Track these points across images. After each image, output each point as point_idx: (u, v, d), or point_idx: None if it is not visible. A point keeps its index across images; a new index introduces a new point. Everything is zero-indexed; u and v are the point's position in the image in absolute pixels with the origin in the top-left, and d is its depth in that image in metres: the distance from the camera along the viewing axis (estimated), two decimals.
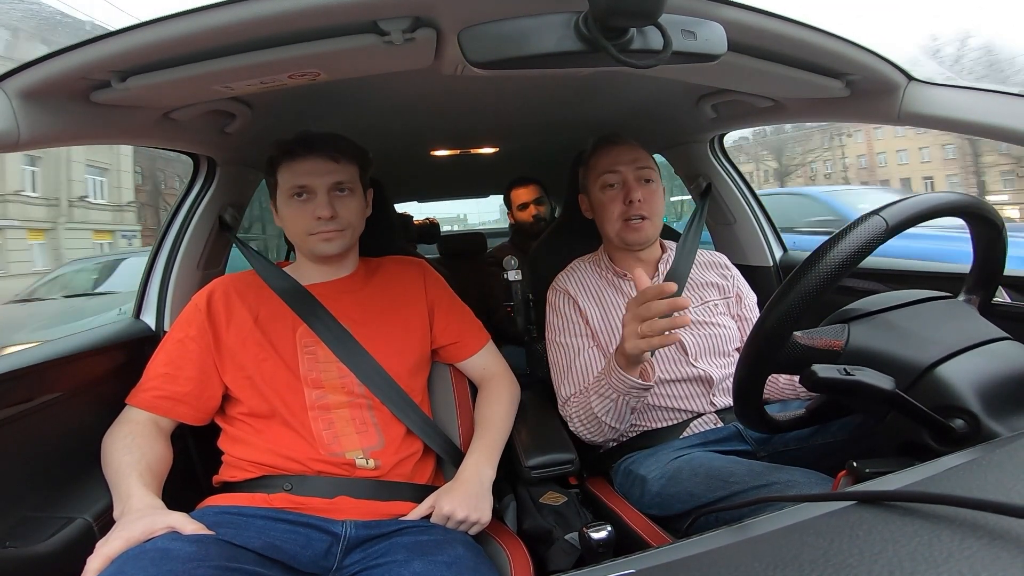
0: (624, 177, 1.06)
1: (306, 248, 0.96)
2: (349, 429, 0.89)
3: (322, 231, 0.93)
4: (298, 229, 0.94)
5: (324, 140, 0.93)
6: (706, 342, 1.05)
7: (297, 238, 0.96)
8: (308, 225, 0.93)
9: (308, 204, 0.92)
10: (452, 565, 0.73)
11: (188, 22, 0.60)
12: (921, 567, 0.27)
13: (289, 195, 0.93)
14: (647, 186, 1.06)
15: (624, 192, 1.06)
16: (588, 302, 1.09)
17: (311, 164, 0.92)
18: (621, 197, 1.06)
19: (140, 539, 0.67)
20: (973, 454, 0.42)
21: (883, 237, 0.55)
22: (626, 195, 1.05)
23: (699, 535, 0.37)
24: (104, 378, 0.96)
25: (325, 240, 0.93)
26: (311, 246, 0.95)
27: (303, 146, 0.92)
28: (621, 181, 1.07)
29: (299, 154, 0.92)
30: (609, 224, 1.08)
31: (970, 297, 0.71)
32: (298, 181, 0.92)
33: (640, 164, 1.07)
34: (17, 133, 0.66)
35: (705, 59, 0.63)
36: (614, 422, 0.94)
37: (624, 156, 1.08)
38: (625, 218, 1.06)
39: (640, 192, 1.04)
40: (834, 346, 0.63)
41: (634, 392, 0.88)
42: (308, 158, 0.92)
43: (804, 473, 0.77)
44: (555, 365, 1.09)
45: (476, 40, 0.58)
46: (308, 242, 0.94)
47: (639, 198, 1.04)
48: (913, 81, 0.88)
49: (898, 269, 1.20)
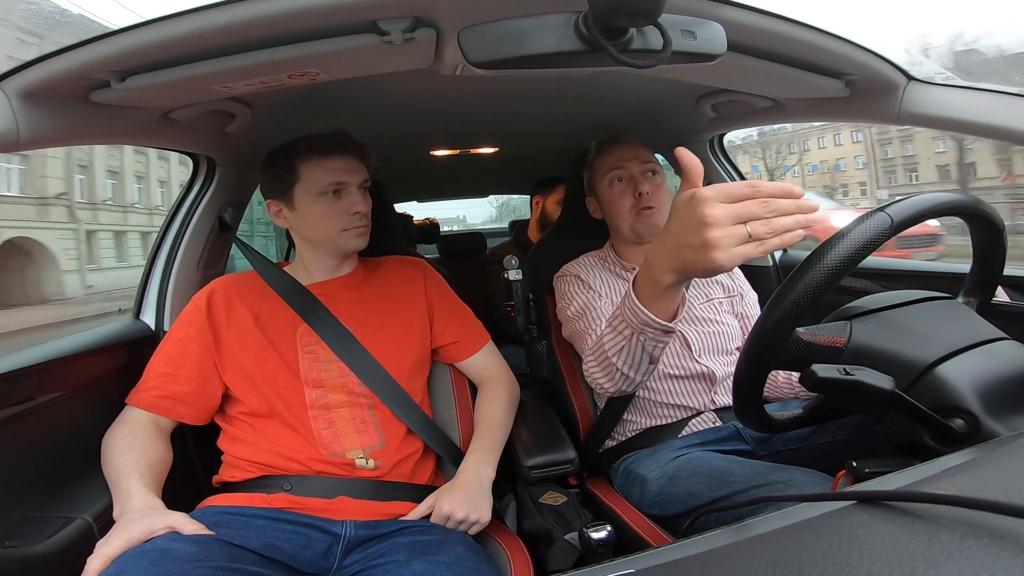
0: (630, 172, 1.09)
1: (335, 245, 0.96)
2: (349, 428, 0.89)
3: (356, 227, 0.94)
4: (330, 226, 0.94)
5: (351, 140, 0.96)
6: (710, 339, 1.05)
7: (327, 235, 0.95)
8: (343, 221, 0.94)
9: (342, 201, 0.93)
10: (452, 565, 0.73)
11: (188, 22, 0.60)
12: (921, 567, 0.27)
13: (320, 192, 0.93)
14: (653, 179, 1.09)
15: (632, 186, 1.08)
16: (598, 281, 1.10)
17: (344, 162, 0.94)
18: (630, 191, 1.08)
19: (140, 539, 0.67)
20: (973, 454, 0.42)
21: (888, 234, 0.55)
22: (634, 188, 1.07)
23: (699, 535, 0.37)
24: (104, 378, 0.96)
25: (359, 235, 0.95)
26: (342, 242, 0.95)
27: (339, 144, 0.94)
28: (628, 176, 1.09)
29: (334, 152, 0.93)
30: (621, 218, 1.10)
31: (969, 298, 0.71)
32: (335, 178, 0.93)
33: (644, 159, 1.10)
34: (17, 133, 0.66)
35: (705, 59, 0.63)
36: (626, 367, 0.79)
37: (628, 153, 1.10)
38: (636, 210, 1.07)
39: (647, 185, 1.07)
40: (836, 343, 0.62)
41: (649, 331, 0.72)
42: (342, 156, 0.94)
43: (805, 473, 0.77)
44: (575, 334, 1.06)
45: (476, 40, 0.58)
46: (340, 238, 0.95)
47: (647, 190, 1.06)
48: (913, 81, 0.88)
49: (898, 269, 1.20)
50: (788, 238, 0.57)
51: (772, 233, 0.56)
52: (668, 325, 0.70)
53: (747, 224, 0.56)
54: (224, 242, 1.24)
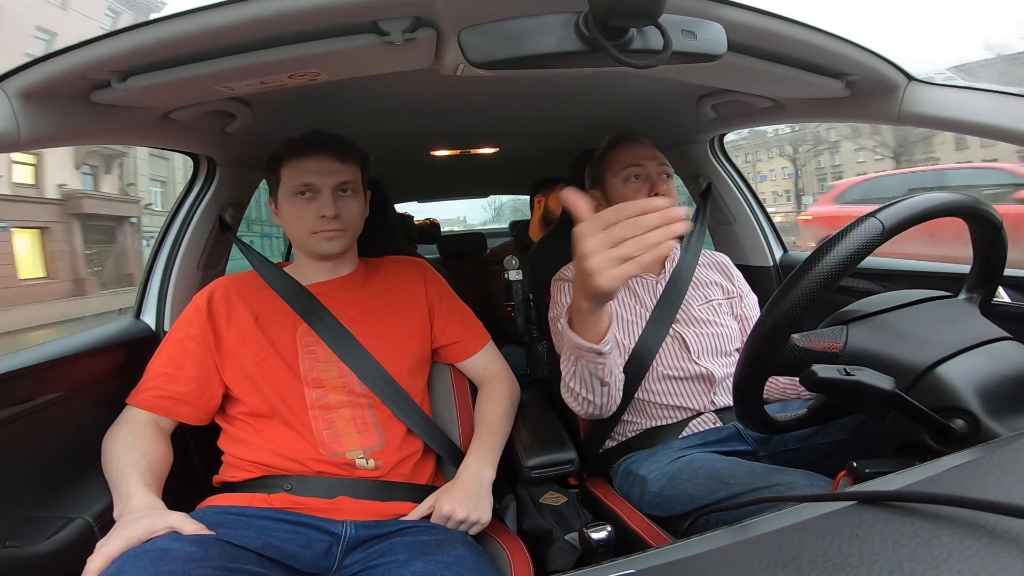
0: (648, 171, 1.08)
1: (307, 247, 0.96)
2: (349, 429, 0.89)
3: (325, 230, 0.93)
4: (301, 227, 0.94)
5: (331, 140, 0.94)
6: (709, 341, 1.05)
7: (299, 236, 0.96)
8: (312, 223, 0.93)
9: (312, 203, 0.92)
10: (452, 565, 0.73)
11: (188, 22, 0.60)
12: (921, 567, 0.27)
13: (293, 193, 0.93)
14: (668, 181, 1.09)
15: (649, 185, 1.08)
16: None
17: (317, 163, 0.92)
18: (646, 189, 1.07)
19: (140, 539, 0.67)
20: (973, 454, 0.42)
21: (879, 239, 0.55)
22: (651, 188, 1.07)
23: (699, 535, 0.37)
24: (104, 378, 0.96)
25: (328, 239, 0.94)
26: (313, 245, 0.95)
27: (311, 145, 0.93)
28: (646, 175, 1.08)
29: (306, 152, 0.92)
30: None
31: (970, 296, 0.70)
32: (304, 179, 0.92)
33: (660, 161, 1.10)
34: (17, 133, 0.66)
35: (705, 59, 0.63)
36: (583, 390, 0.87)
37: (646, 152, 1.10)
38: None
39: (664, 186, 1.07)
40: (832, 348, 0.63)
41: (584, 355, 0.80)
42: (315, 157, 0.92)
43: (805, 475, 0.77)
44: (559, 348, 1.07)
45: (476, 40, 0.58)
46: (310, 241, 0.94)
47: (664, 191, 1.06)
48: (913, 81, 0.88)
49: (898, 269, 1.19)
50: (662, 250, 0.62)
51: (642, 250, 0.61)
52: (596, 347, 0.78)
53: (619, 247, 0.62)
54: (224, 242, 1.24)
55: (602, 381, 0.86)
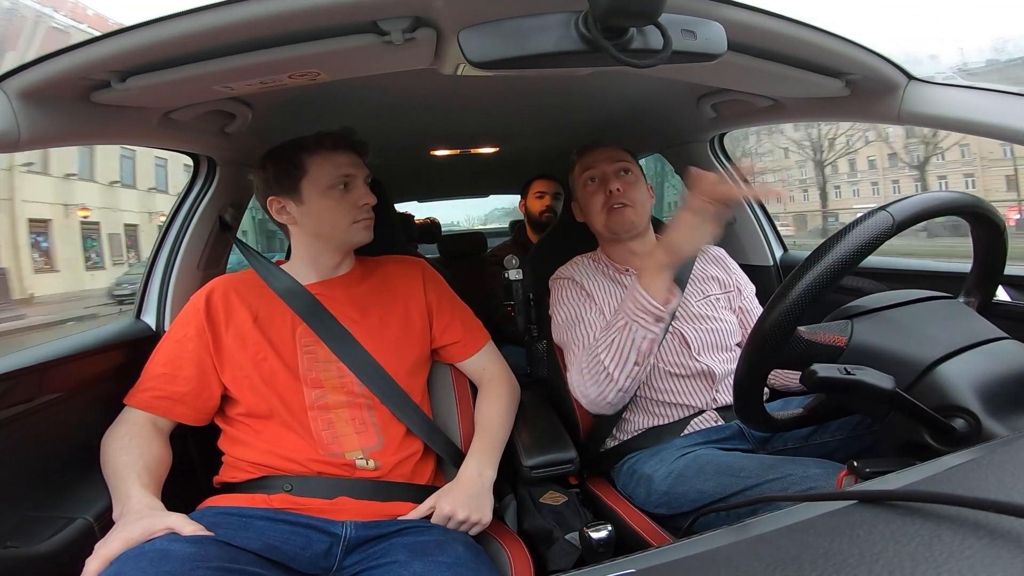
0: (602, 171, 1.11)
1: (343, 238, 0.97)
2: (348, 429, 0.89)
3: (364, 218, 0.96)
4: (340, 218, 0.95)
5: (357, 137, 0.98)
6: (709, 336, 1.05)
7: (337, 228, 0.96)
8: (352, 213, 0.95)
9: (351, 194, 0.95)
10: (453, 565, 0.73)
11: (188, 22, 0.60)
12: (922, 567, 0.27)
13: (329, 186, 0.94)
14: (625, 176, 1.11)
15: (604, 185, 1.10)
16: (593, 285, 1.10)
17: (350, 157, 0.96)
18: (602, 189, 1.10)
19: (139, 540, 0.67)
20: (974, 454, 0.41)
21: (889, 232, 0.56)
22: (605, 186, 1.09)
23: (699, 535, 0.37)
24: (104, 378, 0.96)
25: (367, 227, 0.97)
26: (351, 235, 0.96)
27: (345, 141, 0.96)
28: (600, 176, 1.11)
29: (342, 147, 0.95)
30: (595, 216, 1.12)
31: (970, 298, 0.71)
32: (345, 171, 0.94)
33: (617, 159, 1.12)
34: (17, 133, 0.66)
35: (705, 59, 0.63)
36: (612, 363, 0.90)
37: (601, 155, 1.13)
38: (608, 207, 1.09)
39: (618, 183, 1.09)
40: (837, 342, 0.62)
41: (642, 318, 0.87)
42: (348, 152, 0.96)
43: (818, 463, 0.77)
44: (562, 343, 1.09)
45: (476, 40, 0.58)
46: (351, 231, 0.96)
47: (617, 187, 1.08)
48: (913, 80, 0.88)
49: (898, 268, 1.19)
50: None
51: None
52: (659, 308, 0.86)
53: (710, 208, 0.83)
54: (224, 242, 1.24)
55: (638, 356, 0.89)
